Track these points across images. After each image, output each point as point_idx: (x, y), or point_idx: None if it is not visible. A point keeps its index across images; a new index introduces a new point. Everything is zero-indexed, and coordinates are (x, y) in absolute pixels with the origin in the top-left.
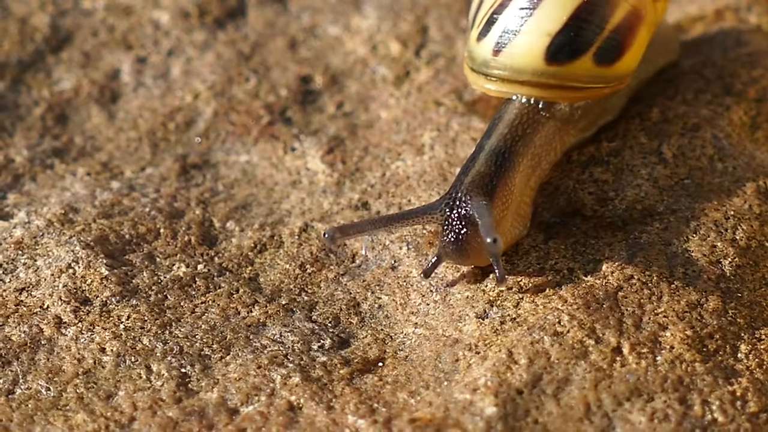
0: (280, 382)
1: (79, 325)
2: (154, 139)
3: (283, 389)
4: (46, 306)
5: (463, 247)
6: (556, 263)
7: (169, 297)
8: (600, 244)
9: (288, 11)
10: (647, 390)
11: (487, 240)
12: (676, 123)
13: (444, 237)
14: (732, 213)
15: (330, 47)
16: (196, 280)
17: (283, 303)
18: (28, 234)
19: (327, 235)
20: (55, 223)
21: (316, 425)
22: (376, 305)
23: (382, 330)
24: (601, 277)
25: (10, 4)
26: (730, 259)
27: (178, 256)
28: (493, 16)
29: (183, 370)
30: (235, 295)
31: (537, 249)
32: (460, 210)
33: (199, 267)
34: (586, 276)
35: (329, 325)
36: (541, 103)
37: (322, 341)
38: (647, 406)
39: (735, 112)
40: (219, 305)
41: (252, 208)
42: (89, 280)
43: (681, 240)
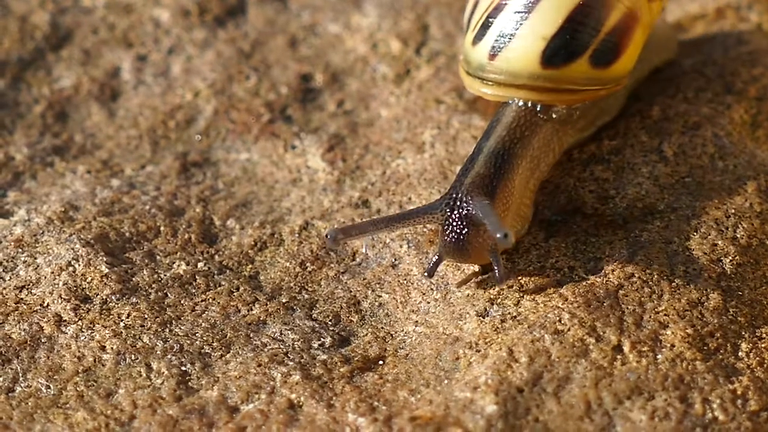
0: (280, 380)
1: (79, 323)
2: (154, 137)
3: (283, 387)
4: (46, 304)
5: (465, 246)
6: (556, 261)
7: (169, 295)
8: (601, 242)
9: (288, 9)
10: (648, 388)
11: (497, 236)
12: (677, 121)
13: (445, 237)
14: (733, 211)
15: (330, 45)
16: (197, 278)
17: (284, 301)
18: (29, 232)
19: (329, 236)
20: (55, 221)
21: (316, 423)
22: (377, 303)
23: (382, 328)
24: (602, 275)
25: (11, 2)
26: (730, 258)
27: (179, 254)
28: (488, 20)
29: (183, 368)
30: (235, 293)
31: (537, 247)
32: (461, 210)
33: (200, 265)
34: (587, 274)
35: (329, 323)
36: (539, 106)
37: (322, 339)
38: (648, 404)
39: (736, 111)
40: (219, 303)
41: (252, 206)
42: (89, 278)
43: (682, 238)
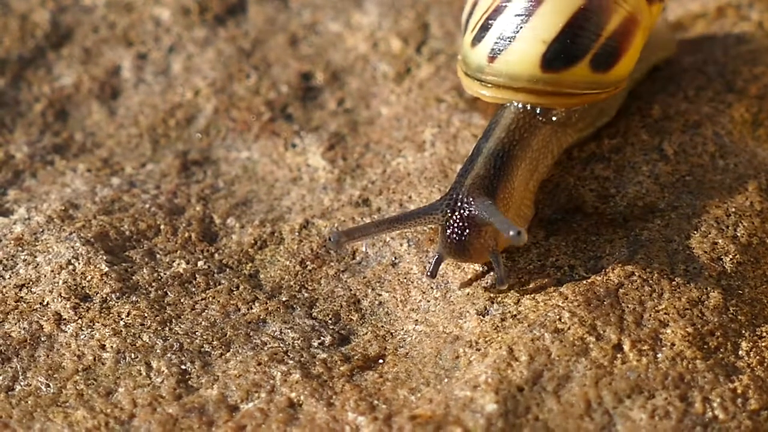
0: (280, 378)
1: (79, 321)
2: (154, 136)
3: (283, 386)
4: (46, 302)
5: (466, 247)
6: (556, 260)
7: (169, 294)
8: (601, 241)
9: (289, 8)
10: (648, 387)
11: (510, 233)
12: (678, 120)
13: (446, 237)
14: (733, 210)
15: (331, 44)
16: (197, 276)
17: (284, 300)
18: (28, 230)
19: (332, 238)
20: (55, 220)
21: (316, 422)
22: (377, 302)
23: (382, 327)
24: (602, 274)
25: (11, 0)
26: (731, 256)
27: (179, 252)
28: (488, 22)
29: (183, 367)
30: (235, 292)
31: (538, 246)
32: (462, 211)
33: (200, 263)
34: (587, 273)
35: (329, 321)
36: (538, 109)
37: (322, 338)
38: (648, 403)
39: (736, 110)
40: (219, 302)
41: (252, 204)
42: (89, 277)
43: (682, 237)
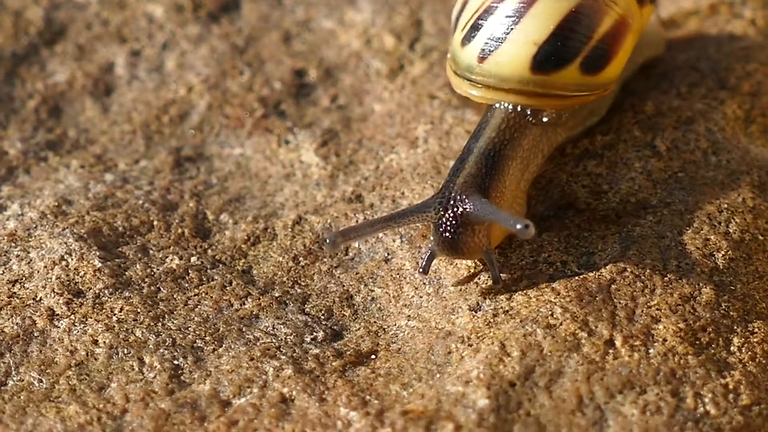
0: (272, 374)
1: (72, 317)
2: (148, 132)
3: (275, 381)
4: (39, 298)
5: (459, 245)
6: (549, 256)
7: (162, 289)
8: (593, 237)
9: (282, 5)
10: (640, 382)
11: (518, 227)
12: (670, 116)
13: (439, 235)
14: (725, 206)
15: (324, 41)
16: (189, 272)
17: (276, 295)
18: (22, 226)
19: (328, 240)
20: (48, 216)
21: (308, 417)
22: (369, 298)
23: (375, 322)
24: (594, 269)
25: None
26: (723, 252)
27: (172, 248)
28: (478, 22)
29: (175, 362)
30: (228, 288)
31: (530, 242)
32: (455, 209)
33: (193, 259)
34: (580, 269)
35: (322, 317)
36: (528, 110)
37: (314, 333)
38: (640, 398)
39: (729, 106)
40: (212, 297)
41: (245, 200)
42: (82, 273)
43: (674, 233)
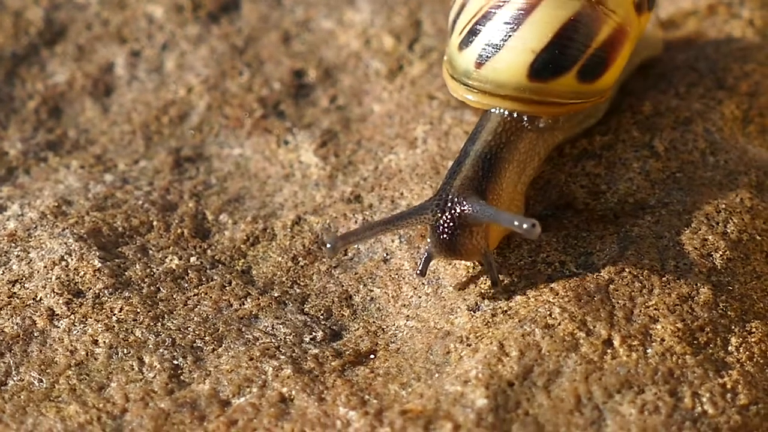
0: (271, 373)
1: (72, 317)
2: (147, 133)
3: (274, 381)
4: (39, 298)
5: (456, 246)
6: (547, 256)
7: (161, 289)
8: (592, 237)
9: (281, 5)
10: (638, 382)
11: (525, 227)
12: (668, 117)
13: (436, 237)
14: (723, 206)
15: (323, 41)
16: (189, 272)
17: (276, 295)
18: (22, 226)
19: (329, 244)
20: (48, 216)
21: (307, 417)
22: (368, 298)
23: (374, 322)
24: (593, 270)
25: None
26: (721, 252)
27: (171, 248)
28: (476, 27)
29: (175, 362)
30: (227, 288)
31: (529, 242)
32: (452, 211)
33: (192, 259)
34: (578, 269)
35: (321, 317)
36: (525, 116)
37: (314, 333)
38: (638, 398)
39: (727, 106)
40: (211, 297)
41: (245, 201)
42: (82, 273)
43: (672, 233)
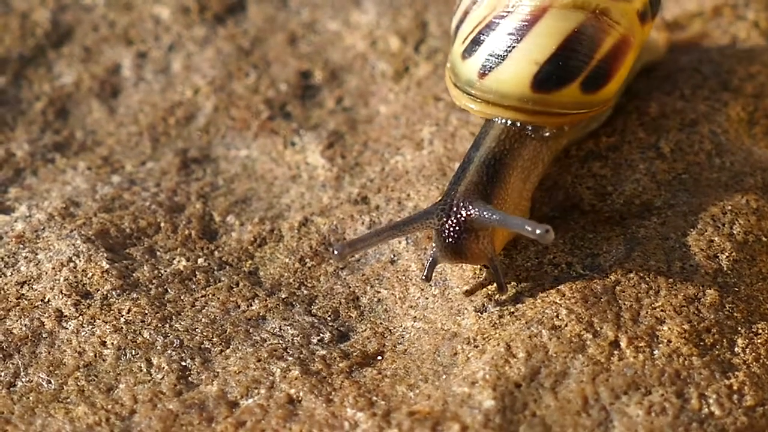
0: (279, 375)
1: (80, 318)
2: (154, 134)
3: (282, 382)
4: (47, 299)
5: (462, 249)
6: (554, 257)
7: (169, 290)
8: (598, 238)
9: (288, 7)
10: (645, 383)
11: (537, 232)
12: (674, 118)
13: (442, 241)
14: (729, 208)
15: (330, 42)
16: (197, 273)
17: (283, 297)
18: (30, 228)
19: (336, 252)
20: (56, 217)
21: (315, 418)
22: (375, 299)
23: (381, 324)
24: (599, 271)
25: None
26: (727, 254)
27: (179, 249)
28: (480, 36)
29: (183, 363)
30: (235, 289)
31: (535, 243)
32: (458, 216)
33: (200, 261)
34: (584, 270)
35: (329, 318)
36: (529, 126)
37: (321, 335)
38: (645, 399)
39: (732, 108)
40: (219, 299)
41: (252, 202)
42: (90, 274)
43: (679, 234)
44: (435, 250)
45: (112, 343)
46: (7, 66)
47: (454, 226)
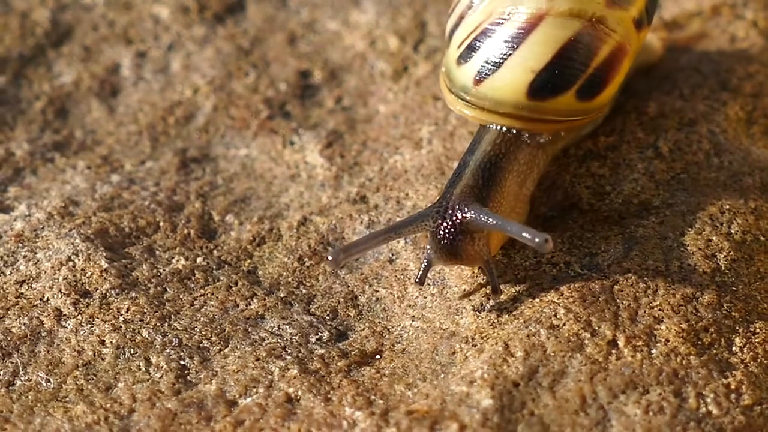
0: (278, 374)
1: (79, 317)
2: (153, 133)
3: (281, 381)
4: (46, 298)
5: (457, 250)
6: (552, 257)
7: (168, 290)
8: (596, 237)
9: (287, 6)
10: (642, 383)
11: (536, 241)
12: (673, 118)
13: (437, 242)
14: (727, 207)
15: (329, 42)
16: (195, 272)
17: (282, 296)
18: (29, 227)
19: (331, 257)
20: (55, 216)
21: (313, 417)
22: (374, 298)
23: (379, 323)
24: (598, 270)
25: None
26: (725, 253)
27: (178, 249)
28: (475, 42)
29: (182, 362)
30: (233, 288)
31: None
32: (453, 217)
33: (198, 260)
34: (583, 269)
35: (327, 317)
36: (526, 133)
37: (320, 334)
38: (642, 398)
39: (731, 108)
40: (218, 298)
41: (251, 201)
42: (89, 273)
43: (677, 234)
44: (429, 252)
45: (111, 342)
46: (7, 65)
47: (449, 228)
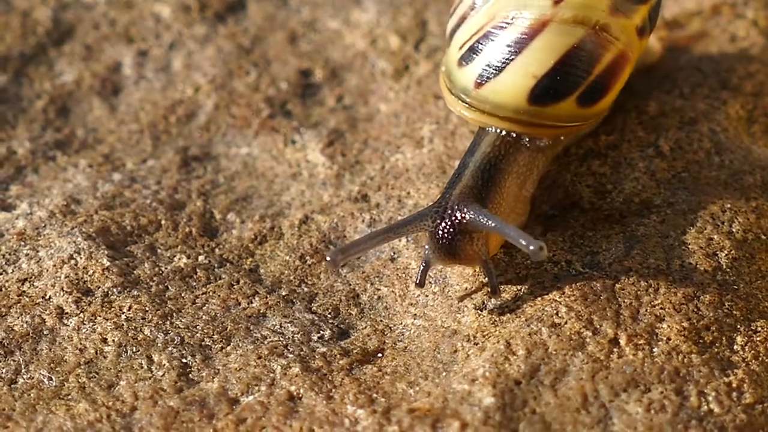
0: (280, 372)
1: (81, 315)
2: (155, 132)
3: (283, 379)
4: (48, 297)
5: (456, 251)
6: (554, 255)
7: (170, 288)
8: (598, 236)
9: (288, 5)
10: (644, 381)
11: (531, 248)
12: (674, 117)
13: (435, 242)
14: (728, 206)
15: (330, 41)
16: (197, 271)
17: (283, 294)
18: (31, 225)
19: (329, 258)
20: (57, 215)
21: (315, 415)
22: (376, 296)
23: (381, 321)
24: (599, 269)
25: None
26: (726, 252)
27: (179, 247)
28: (477, 45)
29: (184, 360)
30: (235, 286)
31: None
32: (452, 218)
33: (200, 258)
34: (584, 268)
35: (329, 316)
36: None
37: (321, 332)
38: (644, 397)
39: (732, 107)
40: (220, 296)
41: (252, 200)
42: (91, 271)
43: (678, 233)
44: (428, 252)
45: (113, 340)
46: (9, 64)
47: (448, 228)
